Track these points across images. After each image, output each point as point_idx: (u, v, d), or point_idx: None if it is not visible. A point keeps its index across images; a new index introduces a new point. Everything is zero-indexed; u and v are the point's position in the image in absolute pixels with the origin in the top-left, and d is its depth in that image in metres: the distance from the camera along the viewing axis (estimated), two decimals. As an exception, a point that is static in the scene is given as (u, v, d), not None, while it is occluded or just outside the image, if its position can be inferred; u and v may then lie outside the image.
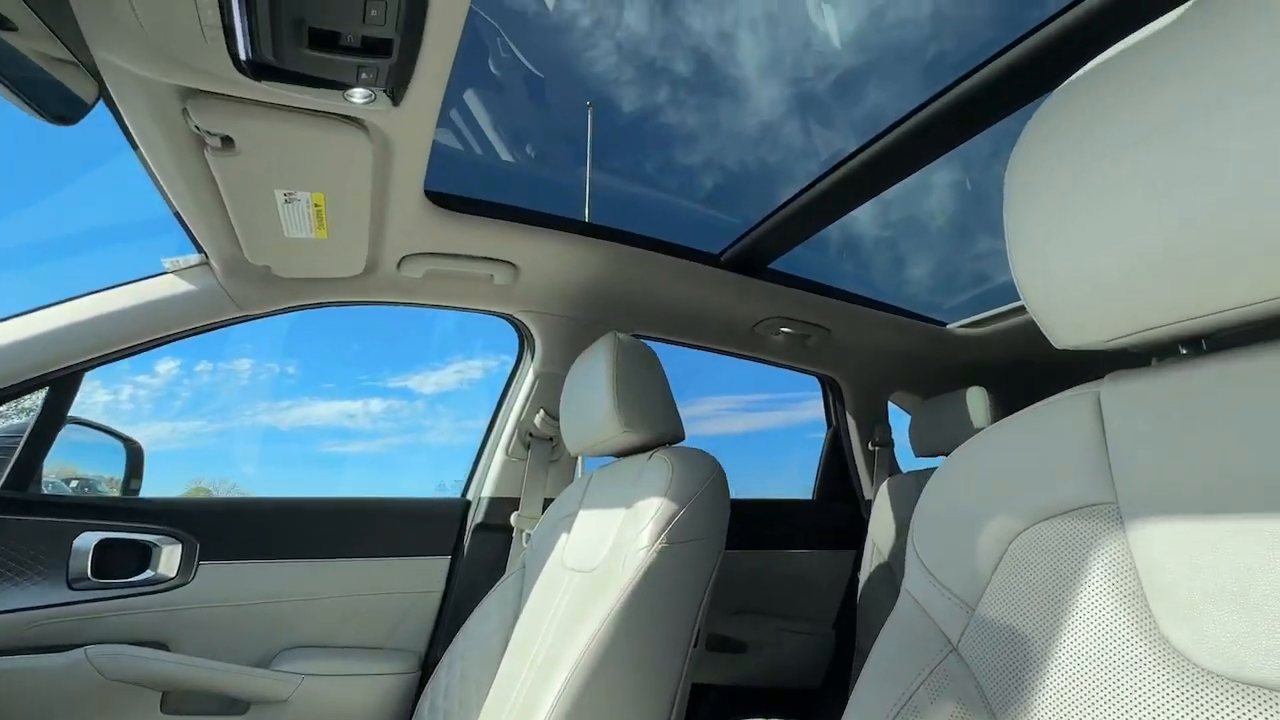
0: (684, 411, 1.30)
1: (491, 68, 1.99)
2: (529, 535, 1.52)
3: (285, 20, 0.70)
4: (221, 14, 0.68)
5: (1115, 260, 0.43)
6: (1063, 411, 0.52)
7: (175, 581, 1.32)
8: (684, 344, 1.90)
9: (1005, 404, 1.81)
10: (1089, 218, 0.44)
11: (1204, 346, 0.47)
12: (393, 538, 1.53)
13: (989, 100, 1.04)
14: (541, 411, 1.66)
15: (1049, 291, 0.48)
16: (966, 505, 0.55)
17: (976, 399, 1.75)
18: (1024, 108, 1.06)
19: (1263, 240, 0.37)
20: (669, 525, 1.01)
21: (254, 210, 1.06)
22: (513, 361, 1.78)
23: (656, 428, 1.21)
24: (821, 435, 2.36)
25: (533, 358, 1.69)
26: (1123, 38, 0.47)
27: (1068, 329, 0.49)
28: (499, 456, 1.66)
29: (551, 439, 1.69)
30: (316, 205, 1.07)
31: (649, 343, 1.83)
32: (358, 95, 0.84)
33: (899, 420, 2.35)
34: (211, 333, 1.38)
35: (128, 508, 1.36)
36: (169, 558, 1.31)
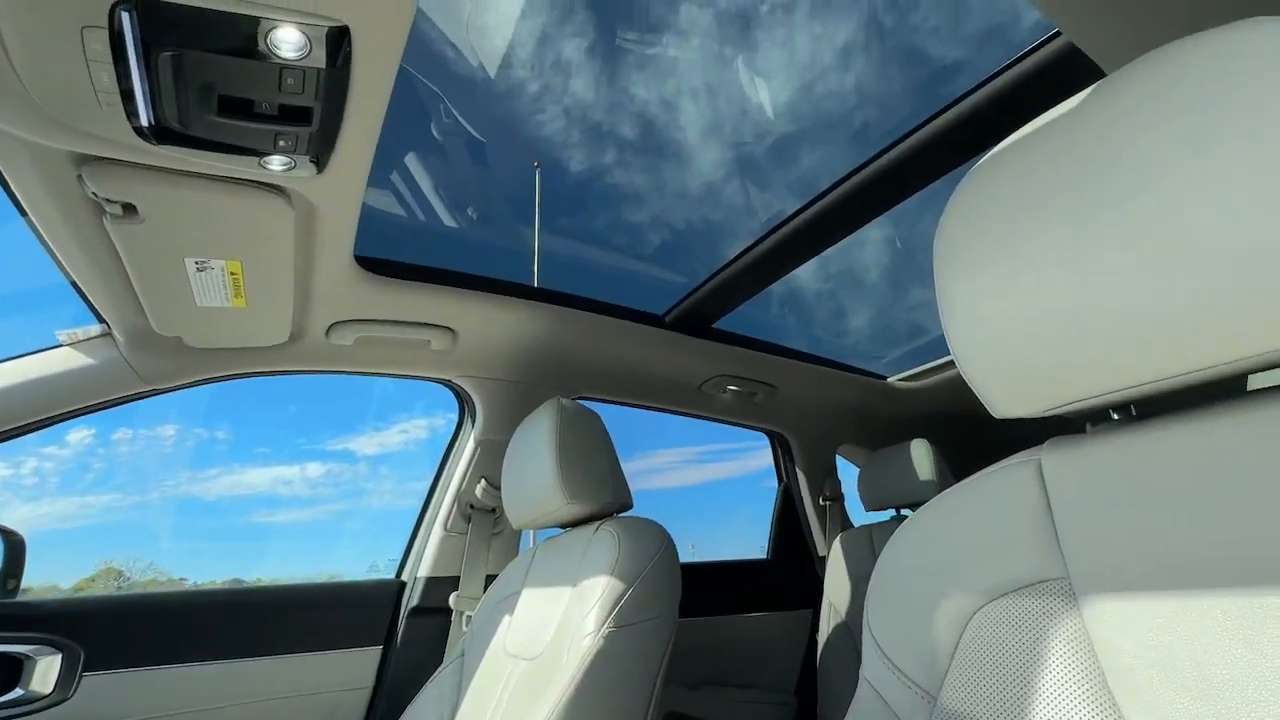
0: (638, 465, 1.25)
1: (434, 132, 1.99)
2: (469, 618, 1.41)
3: (191, 87, 0.66)
4: (119, 79, 0.64)
5: (1042, 336, 0.44)
6: (1007, 481, 0.52)
7: (51, 699, 1.14)
8: (631, 404, 1.87)
9: (950, 453, 1.85)
10: (1014, 295, 0.45)
11: (1133, 412, 0.48)
12: (317, 629, 1.39)
13: (918, 166, 1.09)
14: (483, 481, 1.58)
15: (984, 365, 0.49)
16: (920, 584, 0.54)
17: (921, 451, 1.77)
18: (949, 173, 1.12)
19: (1173, 315, 0.38)
20: (616, 607, 0.95)
21: (161, 279, 0.98)
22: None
23: (602, 498, 1.16)
24: (775, 484, 2.35)
25: (473, 424, 1.61)
26: (1033, 114, 0.49)
27: (1005, 400, 0.49)
28: (437, 532, 1.55)
29: (494, 510, 1.60)
30: (233, 273, 1.01)
31: (595, 404, 1.79)
32: (275, 162, 0.79)
33: (848, 473, 2.37)
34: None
35: (-2, 614, 1.19)
36: (44, 671, 1.14)
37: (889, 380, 2.13)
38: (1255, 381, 0.45)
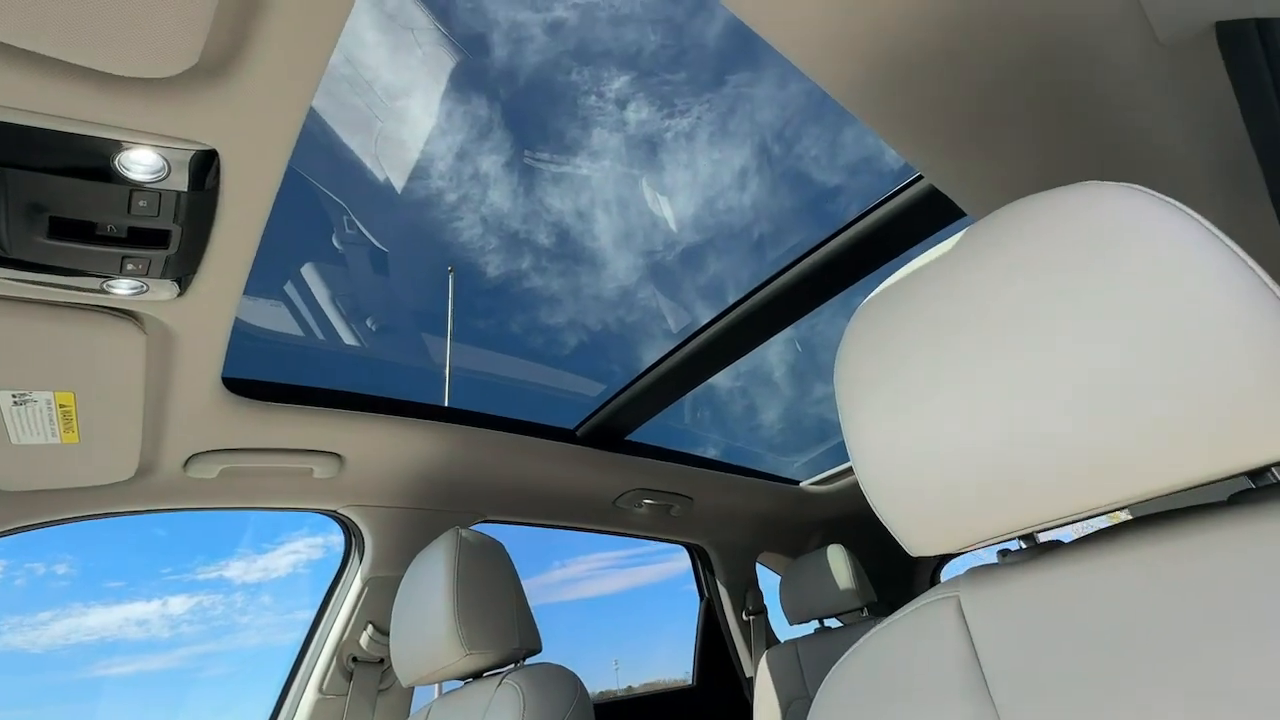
0: (557, 575, 1.13)
1: (335, 244, 1.91)
2: (344, 805, 1.17)
3: (13, 206, 0.57)
4: (-84, 196, 0.54)
5: (943, 480, 0.44)
6: (930, 622, 0.51)
7: None
8: (542, 524, 1.75)
9: (866, 554, 1.84)
10: (910, 441, 0.46)
11: (1037, 540, 0.50)
12: None
13: (812, 287, 1.14)
14: (370, 627, 1.38)
15: (896, 508, 0.48)
16: None
17: (837, 557, 1.75)
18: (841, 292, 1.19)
19: (1059, 461, 0.39)
20: None
21: None
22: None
23: (506, 644, 1.03)
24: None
25: (361, 559, 1.43)
26: (910, 242, 0.52)
27: (918, 540, 0.49)
28: (310, 695, 1.31)
29: (382, 660, 1.39)
30: (63, 406, 0.86)
31: (503, 527, 1.66)
32: (123, 286, 0.70)
33: (769, 581, 2.31)
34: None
35: None
36: None
37: (802, 485, 2.14)
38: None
